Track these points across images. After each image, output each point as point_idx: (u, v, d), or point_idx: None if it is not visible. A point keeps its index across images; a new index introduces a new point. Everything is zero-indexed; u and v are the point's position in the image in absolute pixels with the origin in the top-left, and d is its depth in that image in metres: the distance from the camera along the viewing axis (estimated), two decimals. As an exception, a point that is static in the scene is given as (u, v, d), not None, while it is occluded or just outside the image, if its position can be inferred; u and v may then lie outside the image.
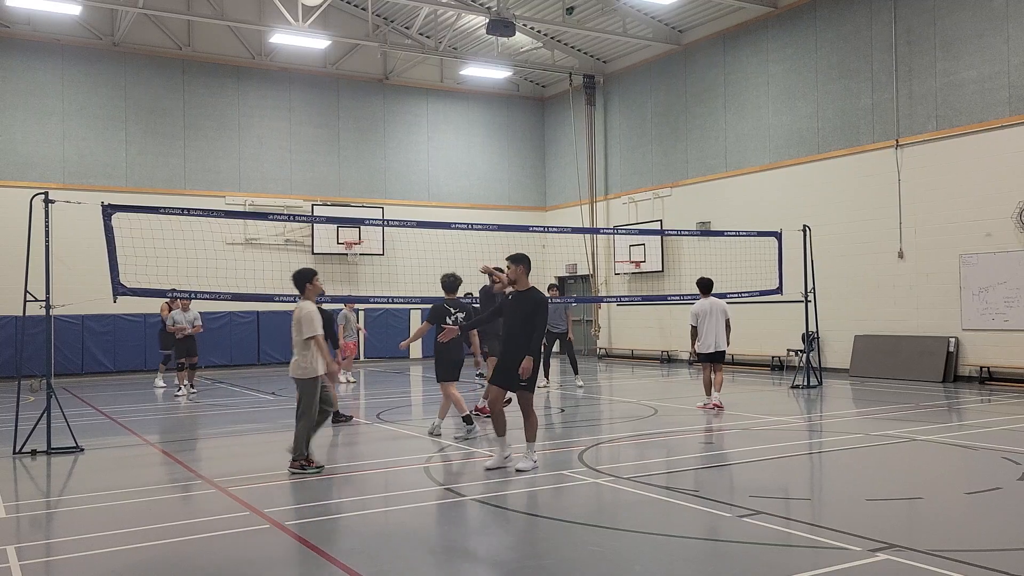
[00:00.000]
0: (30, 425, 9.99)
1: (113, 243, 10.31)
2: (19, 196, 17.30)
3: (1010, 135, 15.47)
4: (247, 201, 23.09)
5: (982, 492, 7.26)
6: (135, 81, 22.09)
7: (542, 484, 7.87)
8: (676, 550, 5.73)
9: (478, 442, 10.18)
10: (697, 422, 11.66)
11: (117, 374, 21.21)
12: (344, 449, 10.27)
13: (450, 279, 10.83)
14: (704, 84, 21.96)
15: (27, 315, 10.45)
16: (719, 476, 8.24)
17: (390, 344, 24.42)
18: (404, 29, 23.98)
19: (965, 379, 16.07)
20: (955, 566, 5.13)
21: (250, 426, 12.31)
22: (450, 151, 26.32)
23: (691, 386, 16.48)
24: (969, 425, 11.22)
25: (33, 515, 7.14)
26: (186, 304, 16.60)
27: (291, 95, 24.03)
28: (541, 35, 24.02)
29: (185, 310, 16.66)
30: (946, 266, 16.43)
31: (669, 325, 22.94)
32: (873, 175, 17.74)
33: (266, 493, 7.60)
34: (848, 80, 18.25)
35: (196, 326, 16.67)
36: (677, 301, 19.16)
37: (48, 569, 5.71)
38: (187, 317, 16.62)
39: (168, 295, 11.67)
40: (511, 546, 6.05)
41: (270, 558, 5.73)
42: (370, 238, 24.05)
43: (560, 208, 27.04)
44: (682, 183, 22.67)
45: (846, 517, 6.45)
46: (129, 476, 8.67)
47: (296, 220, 16.59)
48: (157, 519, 6.72)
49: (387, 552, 5.83)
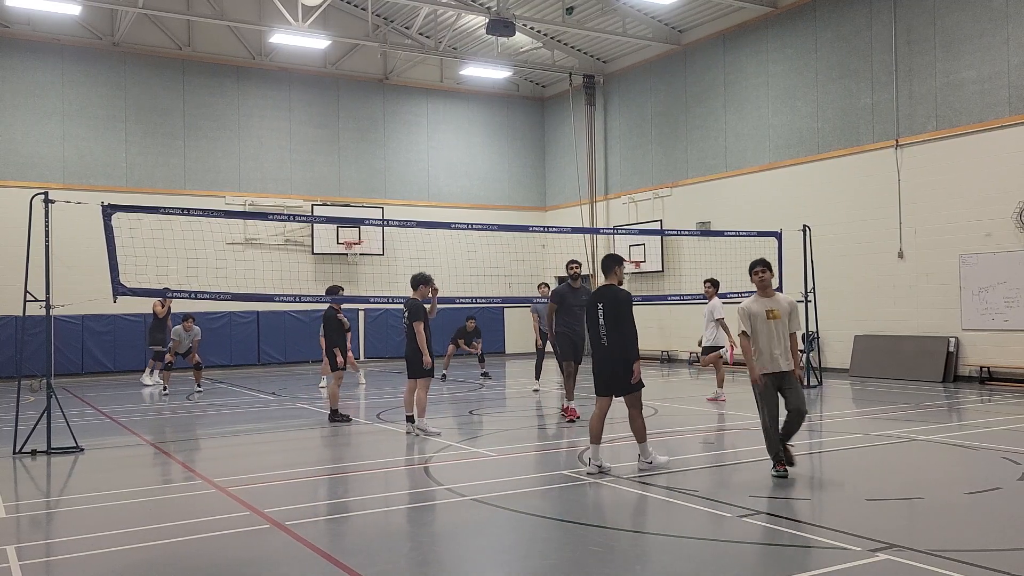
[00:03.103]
0: (30, 425, 9.99)
1: (113, 243, 10.31)
2: (19, 196, 17.29)
3: (1010, 135, 15.47)
4: (247, 201, 23.09)
5: (982, 492, 7.26)
6: (135, 81, 22.09)
7: (542, 484, 7.88)
8: (676, 550, 5.73)
9: (478, 442, 10.18)
10: (697, 422, 11.66)
11: (117, 374, 21.20)
12: (344, 449, 10.27)
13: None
14: (704, 84, 21.96)
15: (27, 315, 10.44)
16: (719, 476, 8.24)
17: (390, 344, 24.44)
18: (404, 29, 23.98)
19: (965, 379, 16.07)
20: (955, 566, 5.13)
21: (250, 426, 12.31)
22: (450, 151, 26.32)
23: (691, 386, 16.48)
24: (969, 425, 11.22)
25: (33, 515, 7.15)
26: (189, 325, 16.71)
27: (291, 95, 24.03)
28: (541, 35, 24.02)
29: (188, 330, 16.70)
30: (946, 266, 16.43)
31: (669, 325, 22.94)
32: (873, 175, 17.74)
33: (266, 493, 7.60)
34: (848, 80, 18.26)
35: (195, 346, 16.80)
36: (677, 301, 19.18)
37: (48, 569, 5.71)
38: (190, 336, 16.71)
39: (168, 295, 11.67)
40: (511, 546, 6.05)
41: (270, 558, 5.73)
42: (370, 238, 24.04)
43: (560, 208, 27.04)
44: (682, 183, 22.67)
45: (846, 517, 6.45)
46: (129, 476, 8.68)
47: (296, 220, 16.60)
48: (157, 519, 6.72)
49: (387, 552, 5.83)
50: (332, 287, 12.91)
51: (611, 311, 8.01)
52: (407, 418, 10.89)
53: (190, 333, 16.73)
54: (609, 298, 8.08)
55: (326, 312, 12.64)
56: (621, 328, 7.97)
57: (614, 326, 7.99)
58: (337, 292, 12.81)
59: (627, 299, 8.08)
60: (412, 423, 10.83)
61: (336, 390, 12.22)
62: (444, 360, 18.35)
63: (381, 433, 11.31)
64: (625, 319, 8.00)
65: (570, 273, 12.00)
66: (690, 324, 20.58)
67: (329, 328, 12.47)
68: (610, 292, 8.13)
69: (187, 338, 16.73)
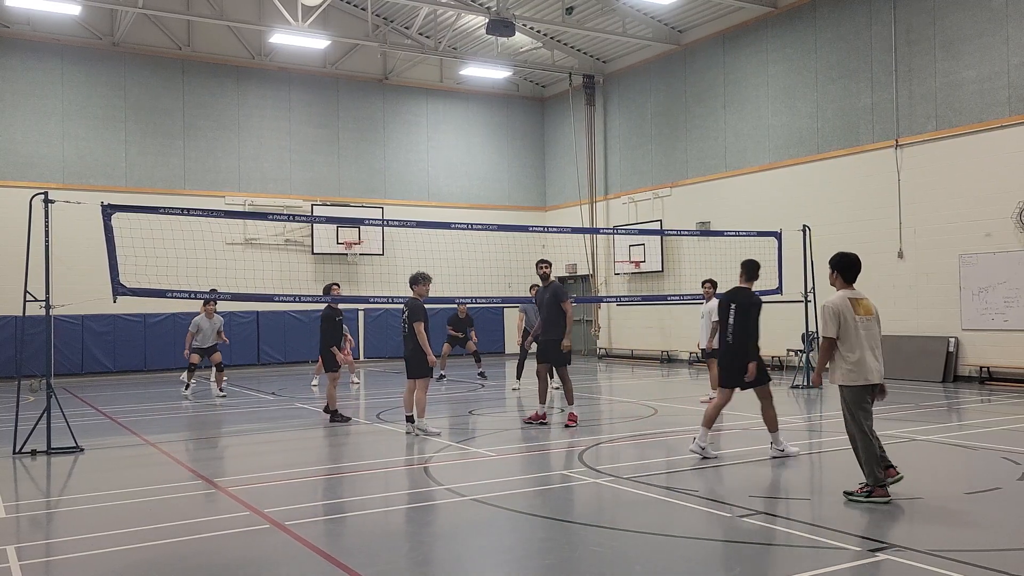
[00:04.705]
0: (30, 425, 9.99)
1: (113, 243, 10.31)
2: (19, 196, 17.29)
3: (1010, 135, 15.47)
4: (247, 201, 23.09)
5: (982, 492, 7.26)
6: (135, 81, 22.09)
7: (542, 484, 7.88)
8: (676, 550, 5.73)
9: (477, 442, 10.17)
10: (697, 422, 11.65)
11: (117, 374, 21.21)
12: (344, 449, 10.27)
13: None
14: (704, 84, 21.96)
15: (27, 315, 10.45)
16: (719, 476, 8.24)
17: (390, 344, 24.44)
18: (404, 29, 23.98)
19: (965, 379, 16.07)
20: (955, 566, 5.13)
21: (250, 426, 12.31)
22: (450, 151, 26.32)
23: (691, 386, 16.48)
24: (969, 425, 11.22)
25: (33, 515, 7.14)
26: (211, 310, 15.70)
27: (291, 95, 24.03)
28: (541, 35, 24.02)
29: (210, 316, 15.71)
30: (946, 266, 16.43)
31: (669, 325, 22.94)
32: (873, 175, 17.74)
33: (266, 493, 7.60)
34: (848, 80, 18.26)
35: (222, 335, 15.82)
36: (677, 301, 19.17)
37: (48, 569, 5.71)
38: (212, 324, 15.72)
39: (167, 295, 11.67)
40: (511, 546, 6.05)
41: (270, 558, 5.73)
42: (370, 238, 24.05)
43: (560, 208, 27.04)
44: (682, 183, 22.67)
45: (846, 517, 6.45)
46: (129, 476, 8.68)
47: (296, 220, 16.58)
48: (157, 519, 6.72)
49: (387, 552, 5.83)
50: (328, 286, 12.89)
51: (741, 313, 8.64)
52: (407, 418, 10.89)
53: (212, 321, 15.71)
54: (741, 300, 8.73)
55: (324, 312, 12.60)
56: (746, 328, 8.60)
57: (741, 327, 8.60)
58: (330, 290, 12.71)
59: (757, 303, 8.77)
60: (412, 423, 10.82)
61: (334, 391, 12.22)
62: (441, 360, 18.35)
63: (381, 433, 11.31)
64: (750, 321, 8.64)
65: (539, 274, 11.92)
66: (690, 324, 20.57)
67: (327, 327, 12.43)
68: (743, 294, 8.79)
69: (210, 327, 15.72)
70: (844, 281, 7.20)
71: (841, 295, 7.11)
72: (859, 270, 7.23)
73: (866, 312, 7.04)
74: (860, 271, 7.26)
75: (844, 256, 7.24)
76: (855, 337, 6.93)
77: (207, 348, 15.84)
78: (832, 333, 6.97)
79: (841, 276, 7.20)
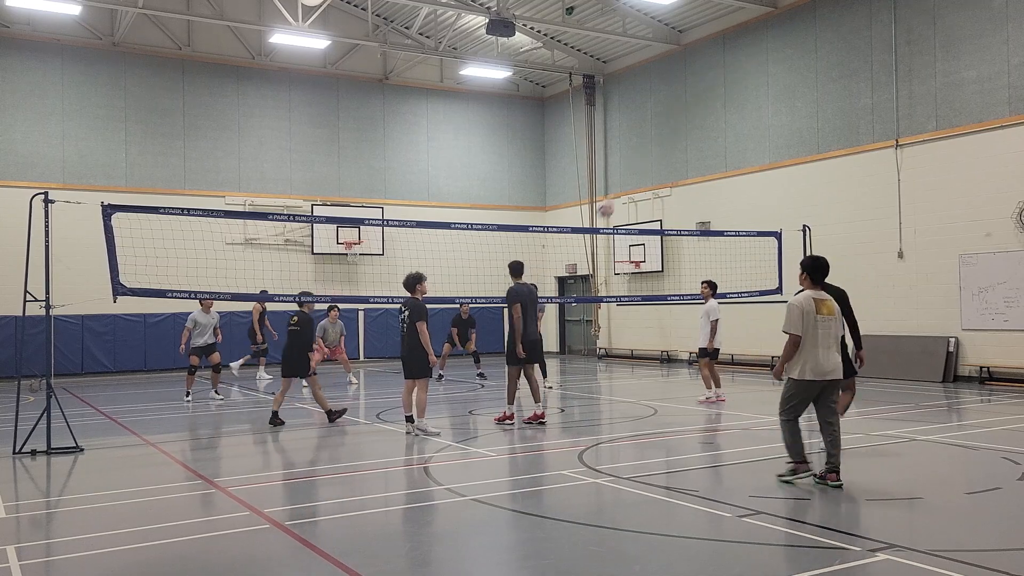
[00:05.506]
0: (30, 425, 9.99)
1: (113, 243, 10.31)
2: (19, 196, 17.28)
3: (1010, 135, 15.47)
4: (247, 201, 23.09)
5: (982, 492, 7.26)
6: (135, 81, 22.09)
7: (542, 484, 7.88)
8: (676, 550, 5.73)
9: (477, 442, 10.17)
10: (697, 422, 11.66)
11: (117, 374, 21.21)
12: (344, 449, 10.27)
13: None
14: (704, 84, 21.96)
15: (27, 315, 10.45)
16: (719, 476, 8.24)
17: (390, 344, 24.43)
18: (404, 29, 23.98)
19: (965, 379, 16.07)
20: (955, 566, 5.13)
21: (249, 426, 12.31)
22: (450, 151, 26.32)
23: (691, 386, 16.47)
24: (969, 425, 11.22)
25: (33, 515, 7.14)
26: (208, 305, 15.34)
27: (291, 95, 24.03)
28: (541, 35, 24.02)
29: (207, 311, 15.39)
30: (946, 266, 16.43)
31: (669, 325, 22.94)
32: (873, 175, 17.74)
33: (266, 493, 7.61)
34: (848, 80, 18.26)
35: (217, 332, 15.49)
36: (677, 301, 19.17)
37: (48, 569, 5.71)
38: (209, 320, 15.37)
39: (167, 295, 11.66)
40: (511, 546, 6.05)
41: (270, 558, 5.73)
42: (370, 238, 24.04)
43: (560, 208, 27.04)
44: (682, 183, 22.67)
45: (846, 517, 6.45)
46: (129, 476, 8.68)
47: (296, 220, 16.57)
48: (157, 519, 6.72)
49: (387, 552, 5.83)
50: (304, 292, 12.87)
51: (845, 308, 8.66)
52: (406, 418, 10.89)
53: (208, 316, 15.36)
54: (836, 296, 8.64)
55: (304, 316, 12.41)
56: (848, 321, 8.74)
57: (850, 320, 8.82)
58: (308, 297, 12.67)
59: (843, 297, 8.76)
60: (411, 423, 10.83)
61: (319, 391, 12.25)
62: (440, 360, 18.35)
63: (380, 433, 11.31)
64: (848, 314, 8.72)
65: None
66: (690, 324, 20.56)
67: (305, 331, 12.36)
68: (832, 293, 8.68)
69: (207, 322, 15.35)
70: (812, 282, 7.67)
71: (807, 295, 7.56)
72: (827, 272, 7.77)
73: (828, 312, 7.48)
74: (828, 273, 7.80)
75: (815, 259, 7.75)
76: (811, 335, 7.41)
77: (205, 348, 15.48)
78: (797, 330, 7.43)
79: (810, 277, 7.68)
